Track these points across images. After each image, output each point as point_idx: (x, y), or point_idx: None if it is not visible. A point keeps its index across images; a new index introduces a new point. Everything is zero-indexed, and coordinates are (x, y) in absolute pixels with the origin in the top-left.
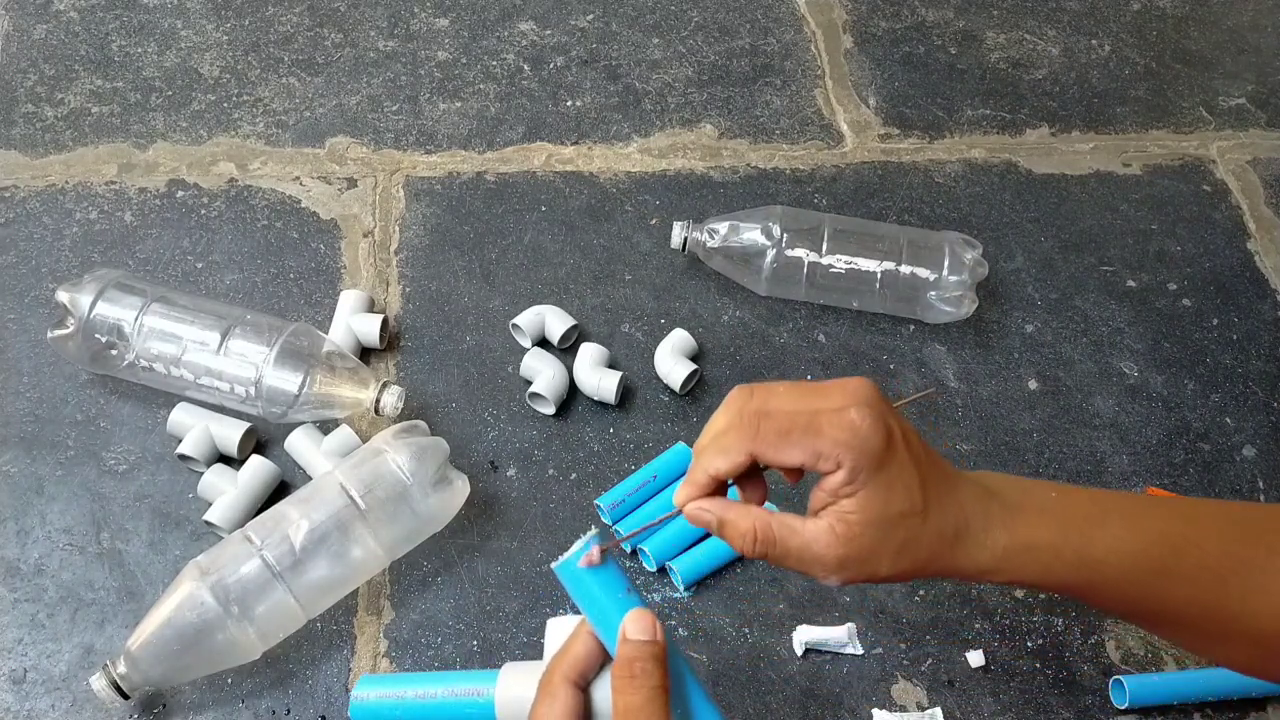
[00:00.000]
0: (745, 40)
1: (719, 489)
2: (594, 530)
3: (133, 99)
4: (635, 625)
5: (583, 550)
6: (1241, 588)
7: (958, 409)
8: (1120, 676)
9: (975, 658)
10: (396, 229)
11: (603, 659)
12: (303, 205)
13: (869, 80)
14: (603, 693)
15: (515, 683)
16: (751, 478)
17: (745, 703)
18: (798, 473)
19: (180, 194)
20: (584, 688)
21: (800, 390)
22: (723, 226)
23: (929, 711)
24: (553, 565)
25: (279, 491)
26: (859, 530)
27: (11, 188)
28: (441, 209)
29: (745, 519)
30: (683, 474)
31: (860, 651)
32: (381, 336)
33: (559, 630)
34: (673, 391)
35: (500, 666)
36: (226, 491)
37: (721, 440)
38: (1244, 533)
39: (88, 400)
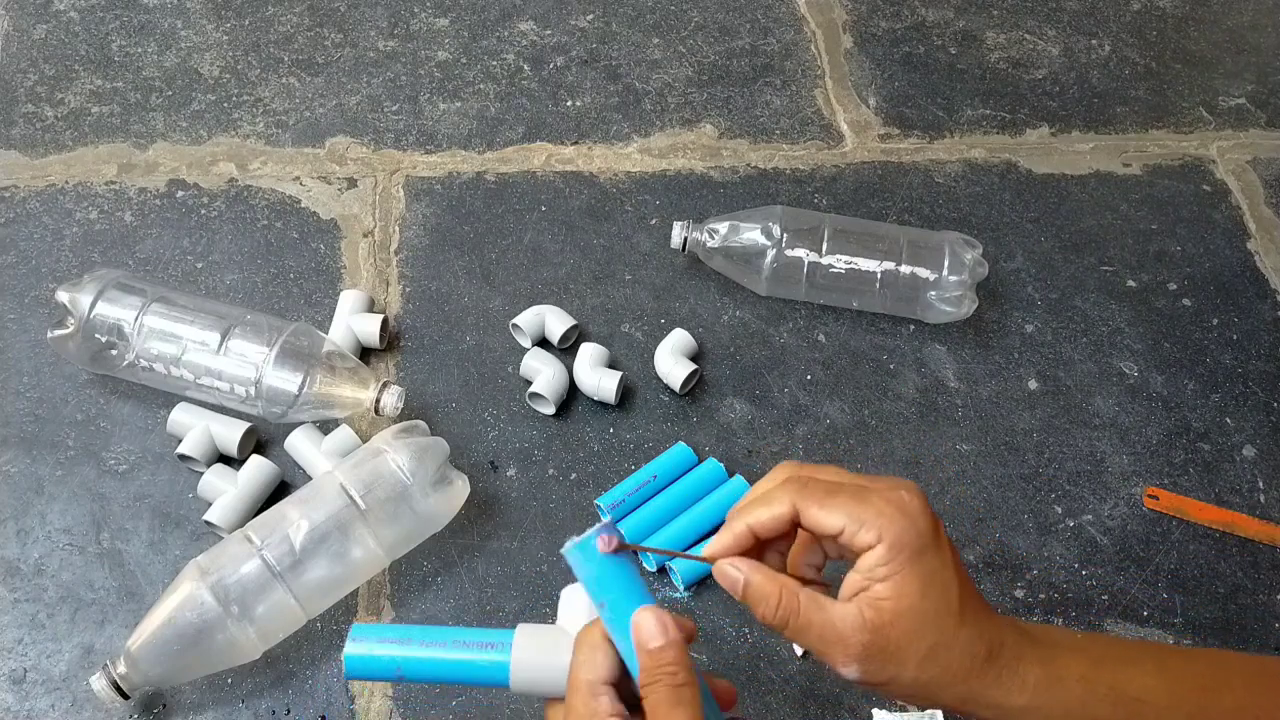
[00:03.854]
0: (745, 40)
1: (754, 550)
2: (608, 519)
3: (133, 99)
4: (648, 629)
5: (594, 535)
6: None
7: (958, 409)
8: None
9: None
10: (396, 229)
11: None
12: (303, 205)
13: (869, 80)
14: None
15: (534, 644)
16: (783, 546)
17: (745, 703)
18: (825, 552)
19: (180, 194)
20: None
21: (851, 473)
22: (723, 226)
23: (929, 712)
24: (565, 549)
25: (279, 491)
26: (890, 619)
27: (11, 188)
28: (441, 209)
29: (773, 584)
30: (683, 474)
31: None
32: (381, 336)
33: (574, 597)
34: (673, 391)
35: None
36: (226, 491)
37: (767, 494)
38: (1274, 681)
39: (88, 400)
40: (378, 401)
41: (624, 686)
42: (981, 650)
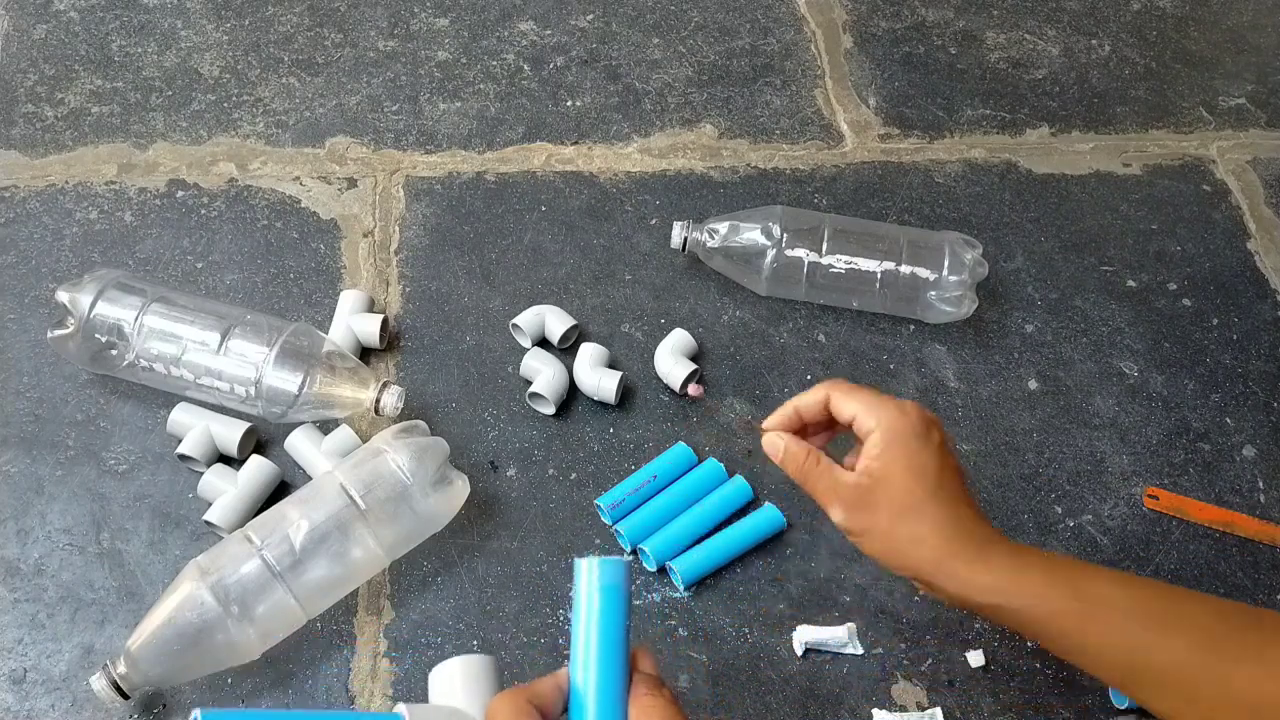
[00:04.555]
0: (745, 40)
1: (798, 429)
2: (629, 557)
3: (133, 99)
4: (647, 660)
5: (620, 560)
6: (1237, 648)
7: (958, 409)
8: None
9: (975, 658)
10: (396, 229)
11: (563, 703)
12: (303, 205)
13: (869, 80)
14: None
15: None
16: (817, 434)
17: (745, 703)
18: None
19: (180, 194)
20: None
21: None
22: (723, 226)
23: (929, 711)
24: (584, 558)
25: (279, 491)
26: (872, 483)
27: (11, 188)
28: (441, 209)
29: (801, 449)
30: (683, 474)
31: (860, 651)
32: (381, 336)
33: (446, 676)
34: (673, 391)
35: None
36: (226, 491)
37: (812, 388)
38: (1232, 607)
39: (88, 400)
40: (378, 401)
41: None
42: (949, 527)
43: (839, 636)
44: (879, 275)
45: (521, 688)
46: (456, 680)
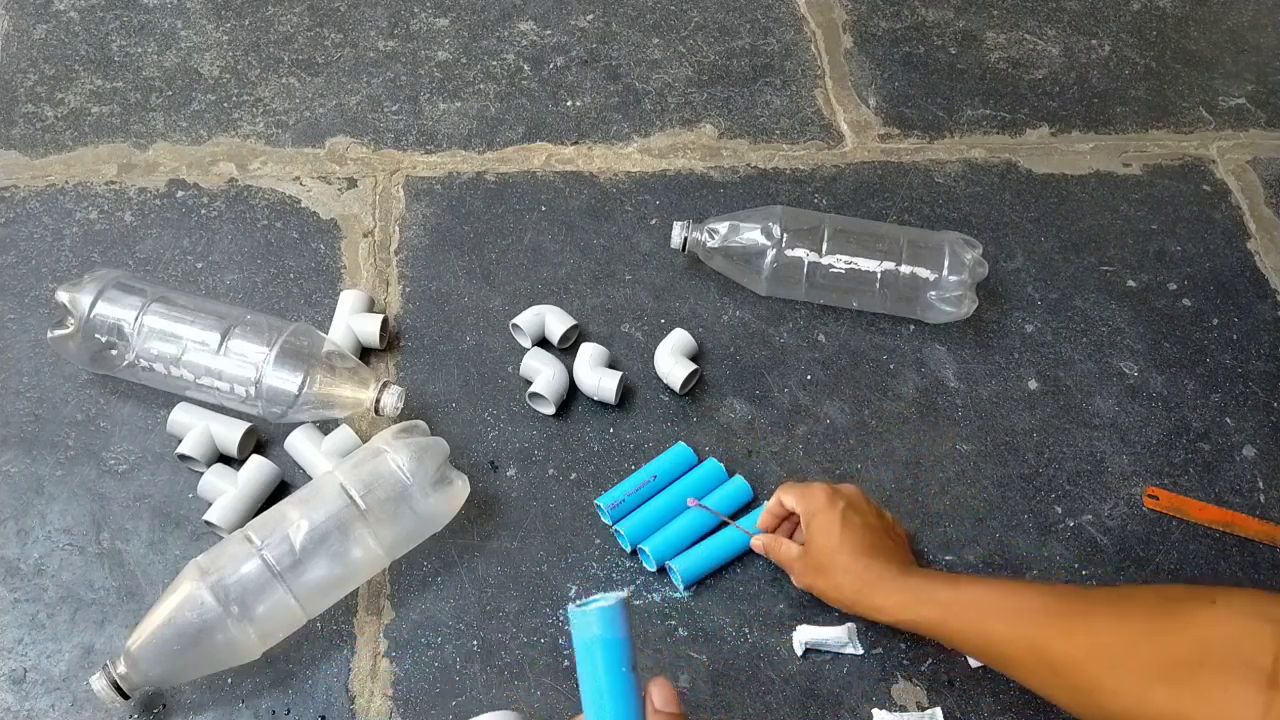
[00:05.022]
0: (745, 40)
1: (785, 519)
2: (626, 593)
3: (133, 99)
4: (661, 695)
5: (608, 607)
6: (1063, 628)
7: (958, 409)
8: None
9: (975, 658)
10: (396, 229)
11: None
12: (303, 205)
13: (869, 80)
14: None
15: None
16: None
17: (745, 703)
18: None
19: (180, 194)
20: None
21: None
22: (723, 226)
23: (929, 711)
24: (573, 609)
25: (279, 491)
26: (802, 549)
27: (11, 188)
28: (441, 209)
29: (768, 536)
30: (683, 474)
31: (860, 651)
32: (381, 336)
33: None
34: (673, 391)
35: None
36: (226, 491)
37: (775, 495)
38: (1061, 591)
39: (88, 400)
40: (378, 401)
41: None
42: (857, 573)
43: (839, 636)
44: (879, 275)
45: None
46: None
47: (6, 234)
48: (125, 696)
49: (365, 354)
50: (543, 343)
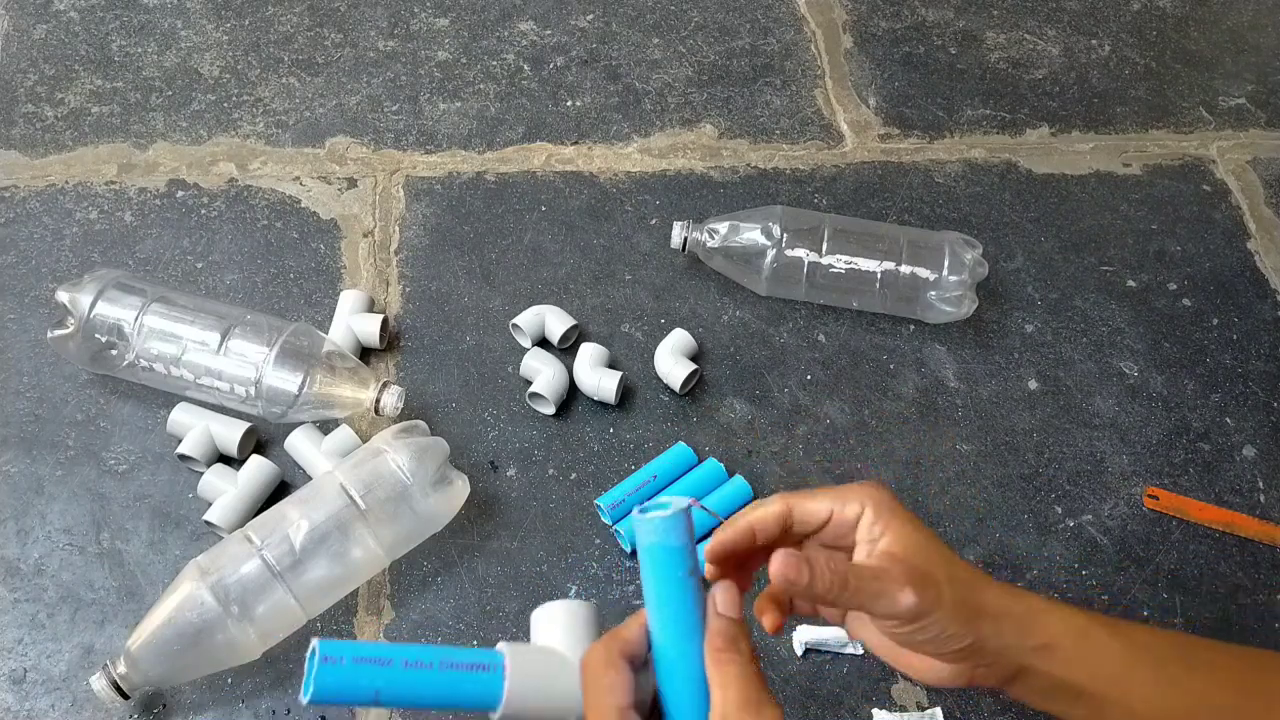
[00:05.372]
0: (745, 40)
1: (734, 569)
2: (689, 502)
3: (133, 99)
4: (725, 599)
5: (672, 516)
6: (1267, 688)
7: (958, 409)
8: None
9: None
10: (396, 229)
11: (648, 645)
12: (303, 205)
13: (869, 80)
14: (647, 678)
15: (529, 665)
16: (745, 572)
17: None
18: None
19: (180, 194)
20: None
21: None
22: (723, 226)
23: (929, 711)
24: (637, 515)
25: (279, 491)
26: (905, 554)
27: (11, 188)
28: (441, 209)
29: (829, 559)
30: (683, 474)
31: (860, 651)
32: (381, 336)
33: (548, 618)
34: (673, 391)
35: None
36: (226, 491)
37: (760, 500)
38: (1261, 655)
39: (88, 400)
40: (378, 401)
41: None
42: (1024, 599)
43: (839, 636)
44: (879, 275)
45: (613, 637)
46: (558, 623)
47: (6, 234)
48: (125, 696)
49: (365, 354)
50: (543, 343)
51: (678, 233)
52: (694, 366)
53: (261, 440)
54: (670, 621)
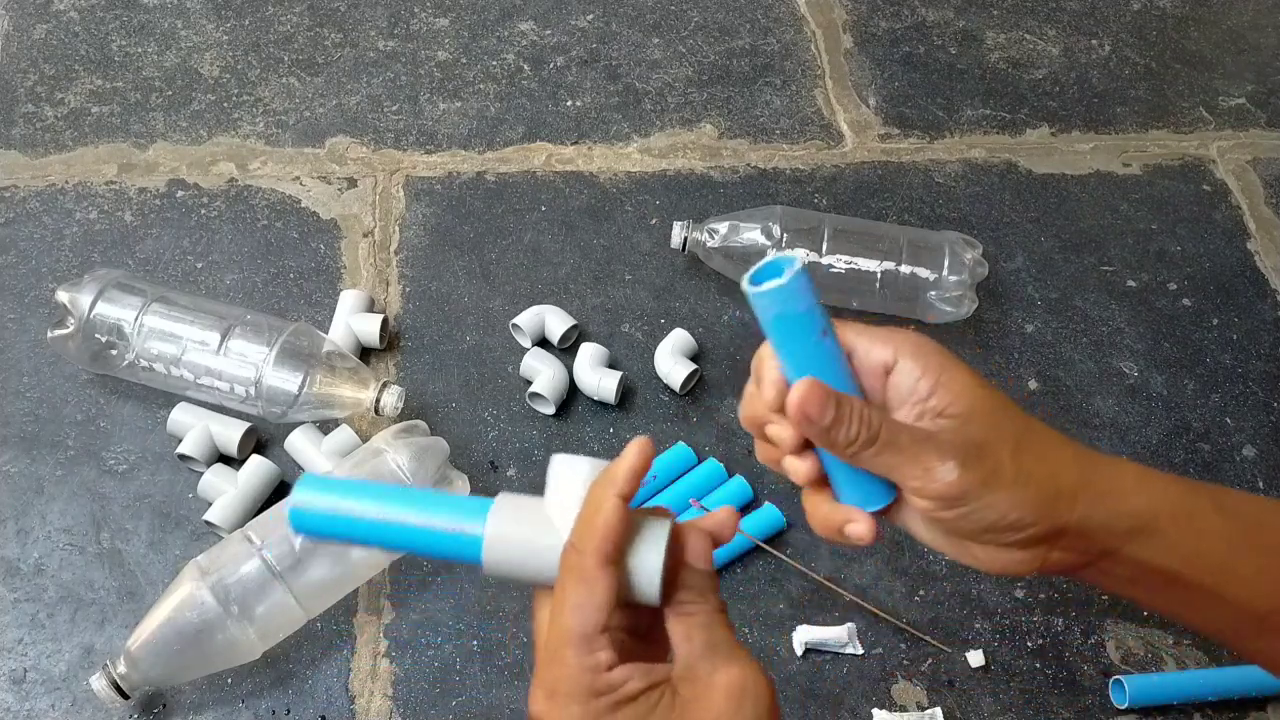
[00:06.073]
0: (745, 40)
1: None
2: (797, 259)
3: (133, 99)
4: (696, 549)
5: (792, 279)
6: None
7: None
8: (1120, 676)
9: (975, 658)
10: (396, 229)
11: (632, 527)
12: (303, 205)
13: (869, 80)
14: (638, 560)
15: (516, 518)
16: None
17: None
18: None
19: (180, 194)
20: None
21: None
22: (723, 226)
23: (929, 711)
24: (749, 286)
25: (279, 491)
26: (962, 411)
27: (11, 188)
28: (441, 209)
29: (849, 405)
30: (682, 474)
31: (860, 651)
32: (381, 336)
33: (566, 471)
34: (673, 391)
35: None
36: (226, 491)
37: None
38: None
39: (88, 400)
40: (378, 401)
41: (629, 615)
42: (1056, 434)
43: (839, 636)
44: (879, 275)
45: (584, 533)
46: (580, 479)
47: (6, 234)
48: (125, 696)
49: (365, 354)
50: (543, 343)
51: (678, 232)
52: (694, 366)
53: (261, 440)
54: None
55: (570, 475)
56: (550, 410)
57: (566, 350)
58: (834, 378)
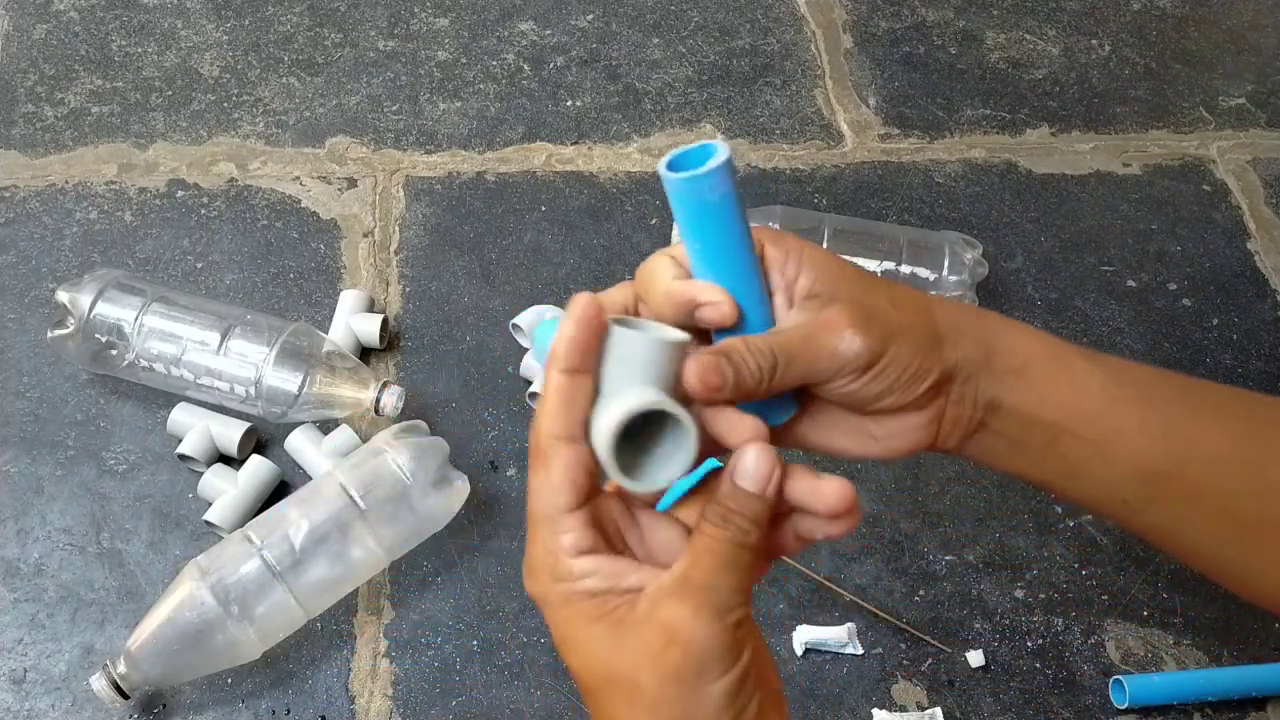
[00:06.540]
0: (745, 40)
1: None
2: (720, 143)
3: (133, 99)
4: (755, 468)
5: (710, 158)
6: (1273, 440)
7: None
8: (1120, 676)
9: (975, 658)
10: (396, 229)
11: (596, 397)
12: (303, 205)
13: (869, 80)
14: (598, 436)
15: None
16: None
17: None
18: None
19: (180, 194)
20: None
21: None
22: None
23: (929, 711)
24: (663, 169)
25: (279, 491)
26: (829, 283)
27: (11, 188)
28: (441, 209)
29: (735, 343)
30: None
31: (860, 651)
32: (381, 336)
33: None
34: None
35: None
36: (226, 491)
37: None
38: (1268, 399)
39: (88, 400)
40: (378, 401)
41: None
42: (980, 317)
43: (839, 636)
44: (879, 275)
45: (546, 415)
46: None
47: (6, 234)
48: (125, 696)
49: (365, 354)
50: None
51: (678, 233)
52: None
53: (261, 440)
54: (740, 283)
55: (644, 351)
56: None
57: None
58: (749, 274)
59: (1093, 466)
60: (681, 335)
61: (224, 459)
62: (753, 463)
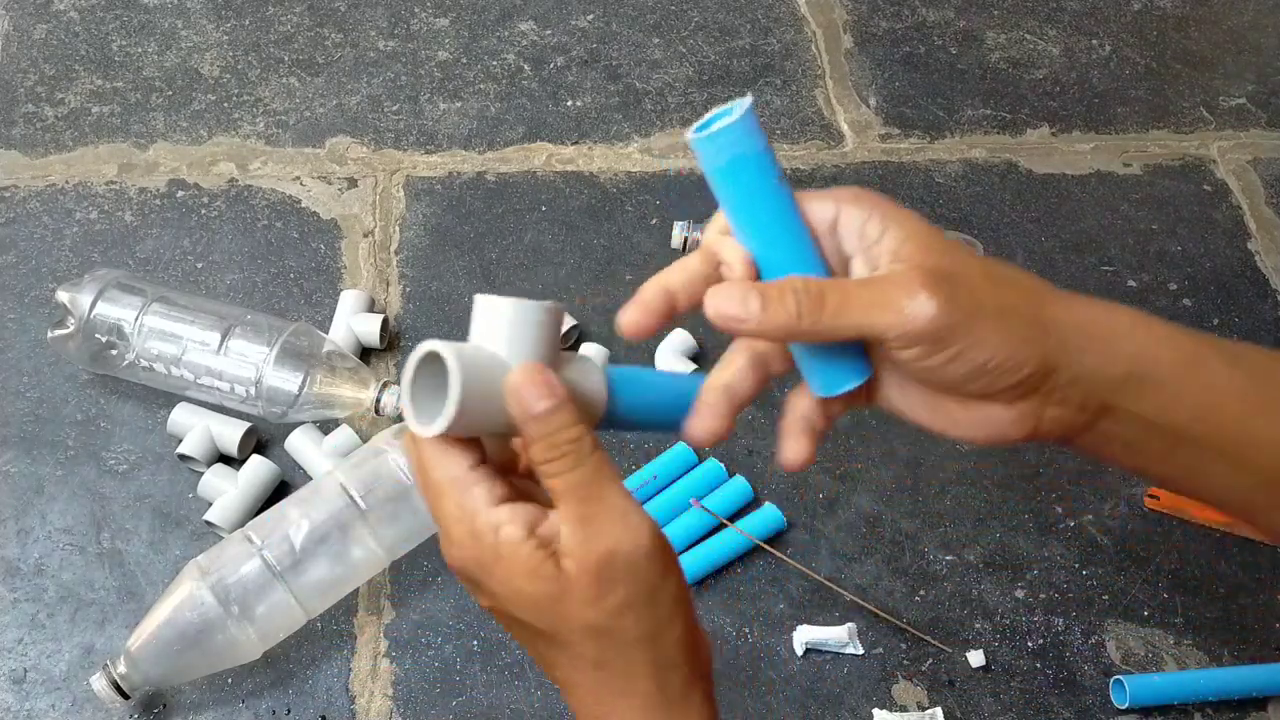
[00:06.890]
0: (745, 40)
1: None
2: (747, 98)
3: (133, 99)
4: (527, 391)
5: (742, 117)
6: None
7: None
8: (1120, 676)
9: (975, 658)
10: (396, 229)
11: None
12: (303, 205)
13: (869, 80)
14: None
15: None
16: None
17: (745, 703)
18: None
19: (180, 194)
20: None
21: None
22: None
23: (929, 711)
24: (694, 135)
25: (279, 491)
26: (917, 246)
27: (11, 188)
28: (441, 209)
29: (778, 284)
30: (683, 474)
31: (860, 651)
32: (381, 336)
33: (488, 310)
34: None
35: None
36: (226, 491)
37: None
38: None
39: (88, 400)
40: (378, 401)
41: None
42: (1036, 285)
43: (839, 636)
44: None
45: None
46: (503, 316)
47: (6, 234)
48: (125, 696)
49: (365, 354)
50: None
51: (678, 233)
52: (694, 367)
53: (261, 440)
54: (780, 242)
55: (492, 315)
56: None
57: (567, 350)
58: (793, 232)
59: (1217, 469)
60: (547, 303)
61: (224, 459)
62: (526, 387)
